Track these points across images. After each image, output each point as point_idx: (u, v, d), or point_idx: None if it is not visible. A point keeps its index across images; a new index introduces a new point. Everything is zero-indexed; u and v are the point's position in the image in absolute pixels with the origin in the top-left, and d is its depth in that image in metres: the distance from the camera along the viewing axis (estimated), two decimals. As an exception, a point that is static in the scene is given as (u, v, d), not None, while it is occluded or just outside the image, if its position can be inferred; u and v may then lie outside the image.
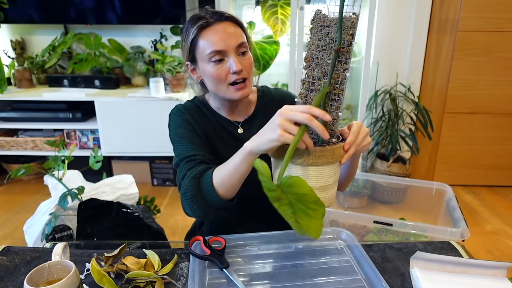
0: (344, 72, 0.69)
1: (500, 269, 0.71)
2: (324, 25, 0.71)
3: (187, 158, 0.85)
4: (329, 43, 0.71)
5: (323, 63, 0.72)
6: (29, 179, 2.72)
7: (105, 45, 2.63)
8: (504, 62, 2.39)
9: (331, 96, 0.71)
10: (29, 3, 2.47)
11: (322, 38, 0.72)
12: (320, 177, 0.70)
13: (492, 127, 2.53)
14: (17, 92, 2.46)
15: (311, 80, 0.73)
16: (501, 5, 2.27)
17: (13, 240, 1.94)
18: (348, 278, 0.71)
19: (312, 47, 0.73)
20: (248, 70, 0.89)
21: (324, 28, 0.71)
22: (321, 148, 0.68)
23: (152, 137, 2.38)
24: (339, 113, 0.71)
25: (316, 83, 0.73)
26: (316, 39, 0.72)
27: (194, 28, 0.87)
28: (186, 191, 0.79)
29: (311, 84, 0.73)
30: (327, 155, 0.69)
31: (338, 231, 0.86)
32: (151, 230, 1.37)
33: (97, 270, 0.68)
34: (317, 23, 0.72)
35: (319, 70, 0.72)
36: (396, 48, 2.46)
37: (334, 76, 0.70)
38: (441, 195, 1.63)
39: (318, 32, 0.72)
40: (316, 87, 0.73)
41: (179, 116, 0.94)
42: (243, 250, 0.80)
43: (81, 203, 1.36)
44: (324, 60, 0.72)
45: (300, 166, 0.69)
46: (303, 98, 0.75)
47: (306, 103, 0.74)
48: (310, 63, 0.74)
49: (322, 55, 0.72)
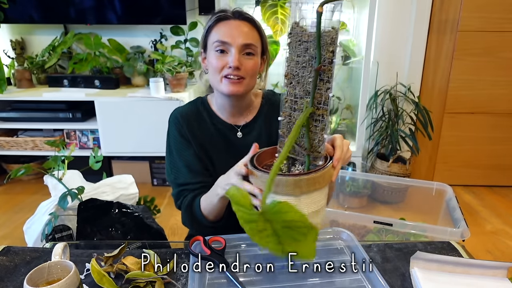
0: (327, 92, 0.65)
1: (500, 269, 0.71)
2: (302, 40, 0.66)
3: (181, 186, 0.95)
4: (309, 60, 0.66)
5: (304, 81, 0.68)
6: (29, 179, 2.72)
7: (105, 45, 2.63)
8: (504, 62, 2.39)
9: (315, 117, 0.68)
10: (29, 3, 2.47)
11: (301, 54, 0.67)
12: (312, 203, 0.67)
13: (492, 127, 2.52)
14: (17, 92, 2.46)
15: (293, 98, 0.70)
16: (501, 5, 2.27)
17: (13, 240, 1.94)
18: (348, 278, 0.71)
19: (291, 63, 0.69)
20: (248, 71, 0.89)
21: (303, 43, 0.66)
22: (313, 176, 0.64)
23: (152, 137, 2.38)
24: (324, 135, 0.68)
25: (298, 102, 0.69)
26: (295, 54, 0.68)
27: (213, 17, 0.91)
28: (185, 221, 0.95)
29: (294, 102, 0.70)
30: (319, 181, 0.66)
31: (338, 231, 0.86)
32: (151, 230, 1.37)
33: (97, 270, 0.68)
34: (295, 38, 0.67)
35: (300, 88, 0.68)
36: (396, 48, 2.46)
37: (316, 96, 0.66)
38: (441, 195, 1.63)
39: (296, 47, 0.67)
40: (299, 106, 0.69)
41: (176, 128, 0.97)
42: (243, 250, 0.80)
43: (81, 203, 1.36)
44: (305, 77, 0.67)
45: (291, 197, 0.65)
46: (286, 117, 0.72)
47: (290, 122, 0.71)
48: (291, 80, 0.69)
49: (303, 72, 0.67)
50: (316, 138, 0.69)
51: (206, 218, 0.90)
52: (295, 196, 0.65)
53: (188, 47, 2.58)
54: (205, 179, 0.96)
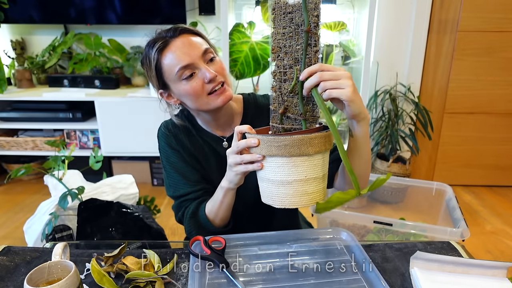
0: (316, 54, 0.67)
1: (500, 269, 0.71)
2: (286, 12, 0.68)
3: (181, 197, 0.92)
4: (295, 29, 0.68)
5: (292, 50, 0.69)
6: (29, 179, 2.72)
7: (105, 45, 2.63)
8: (504, 62, 2.39)
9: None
10: (29, 3, 2.47)
11: (286, 25, 0.68)
12: (324, 165, 0.69)
13: (492, 127, 2.53)
14: (17, 92, 2.46)
15: (282, 70, 0.70)
16: (501, 5, 2.27)
17: (13, 240, 1.94)
18: (348, 278, 0.71)
19: (277, 36, 0.70)
20: (223, 73, 0.86)
21: (287, 14, 0.68)
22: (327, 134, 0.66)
23: (152, 137, 2.36)
24: None
25: (288, 72, 0.69)
26: (281, 27, 0.69)
27: (154, 52, 0.84)
28: (190, 230, 0.91)
29: (283, 74, 0.70)
30: (329, 140, 0.68)
31: (338, 231, 0.86)
32: (151, 230, 1.37)
33: (97, 270, 0.69)
34: (279, 11, 0.69)
35: (289, 58, 0.69)
36: (396, 48, 2.46)
37: (306, 61, 0.67)
38: (441, 195, 1.63)
39: (281, 20, 0.69)
40: (289, 76, 0.69)
41: (165, 142, 0.95)
42: (243, 250, 0.80)
43: (81, 203, 1.36)
44: (293, 47, 0.69)
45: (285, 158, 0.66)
46: (276, 90, 0.71)
47: (281, 95, 0.71)
48: (278, 53, 0.70)
49: (290, 42, 0.69)
50: (310, 103, 0.69)
51: (213, 223, 0.87)
52: (308, 155, 0.66)
53: (188, 47, 2.58)
54: (205, 185, 0.93)
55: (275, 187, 0.68)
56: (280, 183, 0.67)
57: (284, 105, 0.70)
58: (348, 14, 2.41)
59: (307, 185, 0.67)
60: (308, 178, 0.67)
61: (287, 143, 0.64)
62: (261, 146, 0.68)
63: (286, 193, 0.68)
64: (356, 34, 2.41)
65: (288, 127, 0.71)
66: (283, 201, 0.68)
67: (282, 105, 0.70)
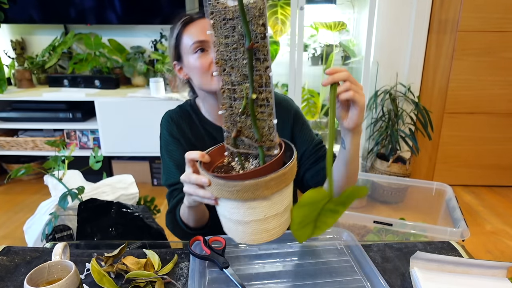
0: (266, 71, 0.57)
1: (500, 269, 0.71)
2: (227, 18, 0.57)
3: (173, 185, 0.92)
4: (239, 40, 0.57)
5: (239, 64, 0.59)
6: (29, 179, 2.72)
7: (105, 45, 2.63)
8: (504, 62, 2.39)
9: (259, 102, 0.60)
10: (29, 3, 2.47)
11: (229, 34, 0.58)
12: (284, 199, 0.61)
13: (492, 127, 2.52)
14: (17, 92, 2.46)
15: (231, 86, 0.61)
16: (501, 5, 2.27)
17: (13, 240, 1.94)
18: (348, 278, 0.71)
19: (220, 47, 0.60)
20: None
21: (228, 21, 0.57)
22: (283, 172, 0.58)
23: (152, 137, 2.37)
24: (273, 120, 0.60)
25: (237, 89, 0.61)
26: (223, 36, 0.59)
27: (179, 24, 0.89)
28: (168, 225, 0.92)
29: (232, 91, 0.62)
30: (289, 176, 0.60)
31: (338, 231, 0.86)
32: (151, 230, 1.37)
33: (97, 270, 0.69)
34: (218, 16, 0.58)
35: (236, 74, 0.60)
36: (396, 48, 2.46)
37: (256, 79, 0.58)
38: (441, 195, 1.63)
39: (222, 27, 0.58)
40: (239, 94, 0.61)
41: (167, 130, 0.96)
42: (243, 250, 0.80)
43: (81, 203, 1.36)
44: (239, 60, 0.59)
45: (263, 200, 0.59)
46: (227, 109, 0.63)
47: (232, 114, 0.63)
48: (223, 67, 0.61)
49: (235, 54, 0.59)
50: (265, 126, 0.61)
51: (186, 226, 0.86)
52: (265, 198, 0.58)
53: (188, 47, 2.58)
54: None
55: (232, 224, 0.62)
56: (237, 222, 0.61)
57: (237, 127, 0.63)
58: (348, 14, 2.41)
59: (266, 223, 0.61)
60: (268, 216, 0.60)
61: (239, 189, 0.57)
62: (213, 187, 0.60)
63: (244, 231, 0.62)
64: (356, 34, 2.41)
65: (243, 152, 0.65)
66: (242, 238, 0.63)
67: (235, 126, 0.63)
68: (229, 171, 0.65)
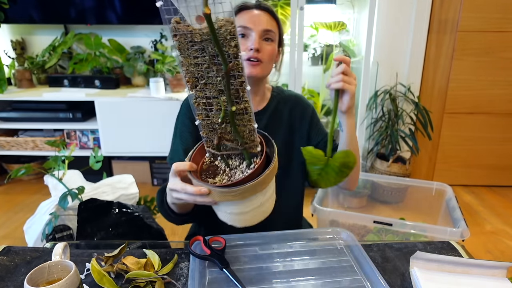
0: (243, 85, 0.61)
1: (500, 269, 0.71)
2: (194, 41, 0.58)
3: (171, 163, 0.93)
4: (211, 59, 0.59)
5: (213, 81, 0.61)
6: (29, 179, 2.72)
7: (105, 45, 2.63)
8: (504, 62, 2.39)
9: (238, 111, 0.64)
10: (29, 3, 2.47)
11: (198, 55, 0.59)
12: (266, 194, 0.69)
13: (492, 127, 2.53)
14: (17, 92, 2.46)
15: (206, 100, 0.64)
16: (501, 5, 2.27)
17: (13, 240, 1.94)
18: (348, 278, 0.71)
19: (190, 67, 0.61)
20: (266, 56, 0.93)
21: (195, 43, 0.58)
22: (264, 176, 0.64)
23: (152, 137, 2.38)
24: (254, 125, 0.65)
25: (213, 101, 0.64)
26: (191, 57, 0.60)
27: (235, 8, 0.95)
28: (156, 201, 0.93)
29: (208, 104, 0.64)
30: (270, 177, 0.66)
31: (338, 231, 0.86)
32: (151, 230, 1.37)
33: (97, 270, 0.69)
34: (183, 39, 0.59)
35: (211, 89, 0.62)
36: (396, 48, 2.46)
37: (232, 92, 0.61)
38: (441, 195, 1.63)
39: (189, 49, 0.59)
40: (216, 106, 0.64)
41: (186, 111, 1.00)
42: (243, 250, 0.80)
43: (81, 203, 1.36)
44: (213, 77, 0.61)
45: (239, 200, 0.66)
46: (204, 119, 0.66)
47: (209, 123, 0.67)
48: (195, 83, 0.63)
49: (208, 73, 0.61)
50: (245, 130, 0.66)
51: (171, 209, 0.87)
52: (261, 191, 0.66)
53: (188, 47, 2.58)
54: None
55: (233, 215, 0.70)
56: (238, 213, 0.69)
57: (217, 134, 0.67)
58: (348, 14, 2.41)
59: (262, 207, 0.70)
60: (263, 202, 0.69)
61: (241, 192, 0.63)
62: (214, 194, 0.65)
63: (245, 218, 0.70)
64: (356, 34, 2.41)
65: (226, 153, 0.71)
66: (244, 223, 0.71)
67: (216, 134, 0.67)
68: (216, 171, 0.71)
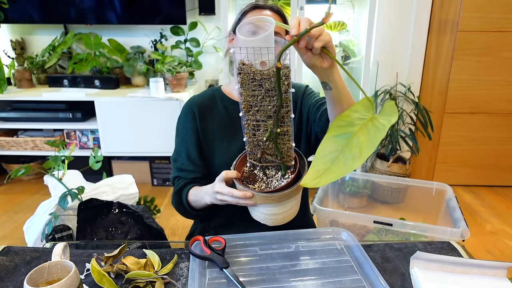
0: (288, 113, 0.76)
1: (500, 269, 0.71)
2: (255, 78, 0.73)
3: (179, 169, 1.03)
4: (266, 93, 0.74)
5: (265, 109, 0.77)
6: (29, 179, 2.72)
7: (105, 45, 2.63)
8: (504, 62, 2.39)
9: (281, 133, 0.79)
10: (29, 3, 2.47)
11: (256, 89, 0.75)
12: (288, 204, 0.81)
13: (492, 127, 2.53)
14: (17, 92, 2.46)
15: (255, 122, 0.79)
16: (501, 5, 2.27)
17: (13, 240, 1.94)
18: (348, 278, 0.71)
19: (247, 97, 0.76)
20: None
21: (256, 80, 0.73)
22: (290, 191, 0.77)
23: (152, 137, 2.38)
24: (292, 143, 0.80)
25: (261, 124, 0.79)
26: (249, 90, 0.75)
27: (249, 5, 1.01)
28: (172, 203, 1.04)
29: (256, 126, 0.80)
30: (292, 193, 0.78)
31: (338, 231, 0.86)
32: (151, 230, 1.37)
33: (97, 270, 0.68)
34: (246, 76, 0.74)
35: (261, 115, 0.78)
36: (396, 48, 2.46)
37: (279, 118, 0.76)
38: (441, 195, 1.63)
39: (249, 84, 0.74)
40: (263, 127, 0.79)
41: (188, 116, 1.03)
42: (243, 250, 0.80)
43: (81, 203, 1.36)
44: (265, 106, 0.76)
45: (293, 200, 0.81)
46: (251, 136, 0.81)
47: (256, 141, 0.81)
48: (249, 109, 0.78)
49: (261, 102, 0.76)
50: (285, 147, 0.81)
51: (190, 207, 0.99)
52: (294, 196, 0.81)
53: (188, 47, 2.58)
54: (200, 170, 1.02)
55: (267, 215, 0.81)
56: (272, 214, 0.81)
57: (261, 149, 0.82)
58: (348, 14, 2.41)
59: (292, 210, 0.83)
60: (293, 206, 0.82)
61: (280, 196, 0.77)
62: (256, 198, 0.78)
63: (276, 218, 0.82)
64: (356, 34, 2.41)
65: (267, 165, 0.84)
66: (274, 223, 0.83)
67: (259, 149, 0.82)
68: (255, 178, 0.85)
